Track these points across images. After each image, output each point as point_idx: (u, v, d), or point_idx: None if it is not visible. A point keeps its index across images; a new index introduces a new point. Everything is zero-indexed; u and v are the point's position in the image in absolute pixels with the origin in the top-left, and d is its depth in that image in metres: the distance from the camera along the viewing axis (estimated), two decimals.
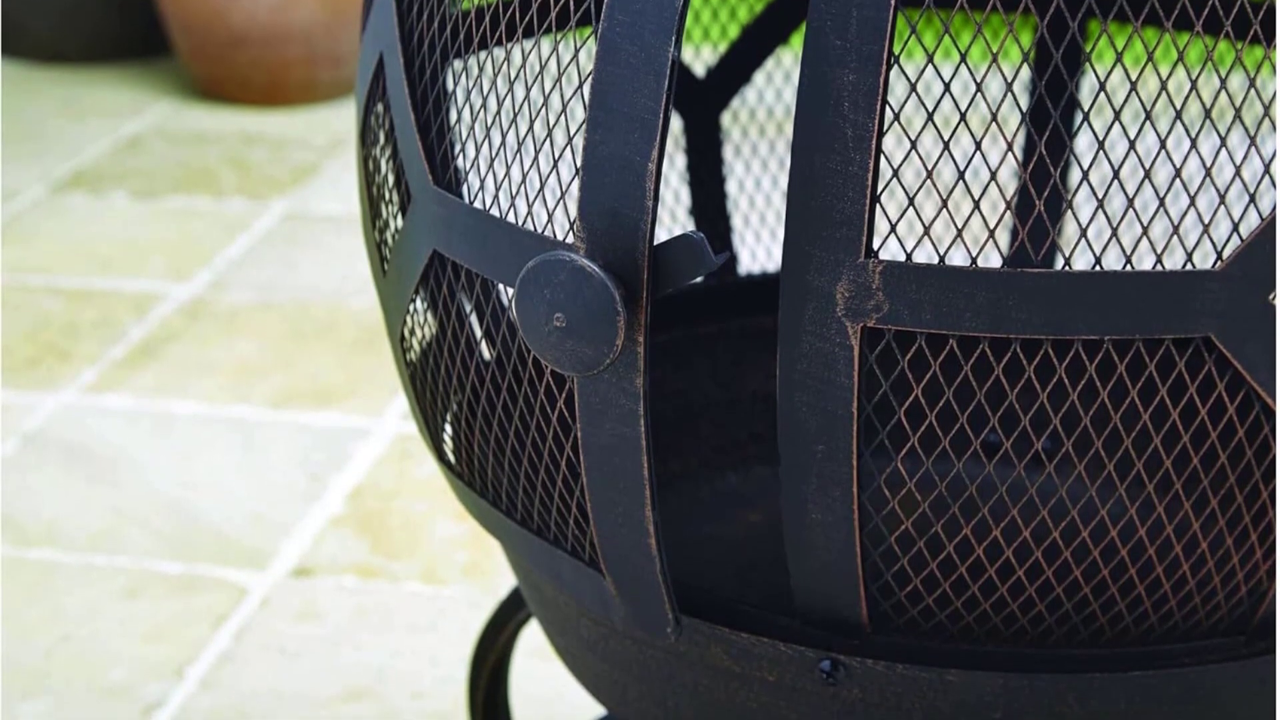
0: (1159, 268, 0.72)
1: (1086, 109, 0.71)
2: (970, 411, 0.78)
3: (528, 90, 0.80)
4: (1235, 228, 0.73)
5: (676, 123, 1.22)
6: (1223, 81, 0.72)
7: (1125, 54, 0.83)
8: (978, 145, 0.73)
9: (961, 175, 0.73)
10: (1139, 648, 0.83)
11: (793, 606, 0.83)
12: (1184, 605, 0.82)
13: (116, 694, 1.56)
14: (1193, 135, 0.73)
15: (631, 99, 0.73)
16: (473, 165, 0.85)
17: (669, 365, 1.22)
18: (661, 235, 1.12)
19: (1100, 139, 0.71)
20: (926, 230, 0.74)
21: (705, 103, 1.23)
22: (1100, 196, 0.73)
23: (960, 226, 0.74)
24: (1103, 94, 0.72)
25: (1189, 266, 0.72)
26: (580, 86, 0.75)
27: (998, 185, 0.74)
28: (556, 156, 0.79)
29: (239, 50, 3.16)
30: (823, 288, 0.73)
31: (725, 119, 1.24)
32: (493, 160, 0.83)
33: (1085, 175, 0.72)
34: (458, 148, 0.87)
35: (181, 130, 3.12)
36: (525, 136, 0.80)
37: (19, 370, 2.19)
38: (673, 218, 1.24)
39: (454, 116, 0.88)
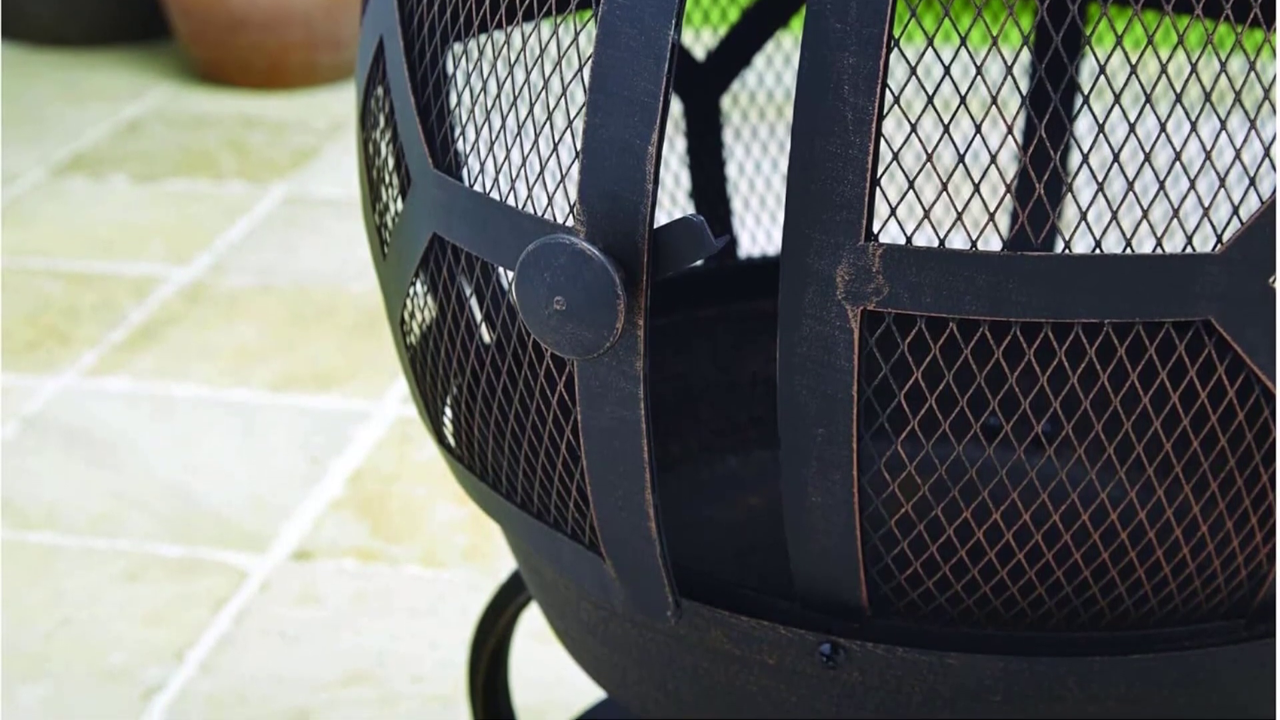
0: (1159, 251, 0.72)
1: (1086, 92, 0.71)
2: (970, 394, 0.78)
3: (528, 73, 0.80)
4: (1235, 211, 0.73)
5: (676, 106, 1.22)
6: (1223, 65, 0.72)
7: (1125, 37, 0.83)
8: (978, 128, 0.73)
9: (961, 158, 0.73)
10: (1139, 631, 0.83)
11: (793, 590, 0.83)
12: (1184, 588, 0.82)
13: (117, 677, 1.57)
14: (1193, 118, 0.73)
15: (631, 82, 0.73)
16: (473, 148, 0.85)
17: (669, 348, 1.22)
18: (661, 218, 1.12)
19: (1100, 122, 0.71)
20: (926, 213, 0.74)
21: (705, 86, 1.23)
22: (1100, 180, 0.73)
23: (960, 209, 0.74)
24: (1103, 77, 0.72)
25: (1189, 250, 0.72)
26: (580, 70, 0.75)
27: (998, 168, 0.74)
28: (556, 140, 0.79)
29: (239, 34, 3.16)
30: (823, 271, 0.73)
31: (725, 102, 1.24)
32: (493, 143, 0.83)
33: (1085, 158, 0.72)
34: (458, 131, 0.87)
35: (181, 114, 3.12)
36: (525, 120, 0.80)
37: (19, 353, 2.19)
38: (673, 201, 1.24)
39: (454, 100, 0.88)
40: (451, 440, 0.96)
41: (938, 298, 0.72)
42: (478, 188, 0.83)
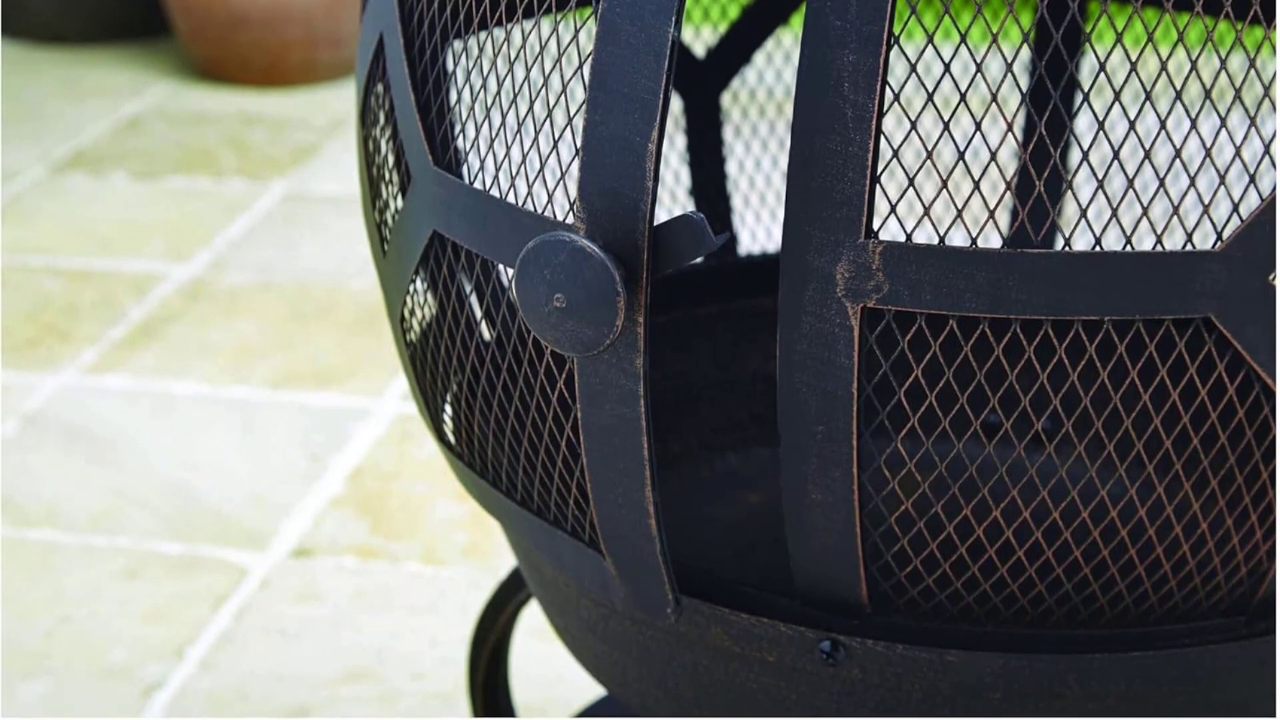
0: (1159, 248, 0.72)
1: (1086, 89, 0.71)
2: (970, 392, 0.78)
3: (528, 71, 0.80)
4: (1235, 208, 0.73)
5: (676, 103, 1.22)
6: (1223, 62, 0.72)
7: (1125, 34, 0.83)
8: (978, 126, 0.73)
9: (961, 156, 0.73)
10: (1139, 628, 0.83)
11: (793, 587, 0.83)
12: (1184, 586, 0.82)
13: (116, 674, 1.57)
14: (1193, 116, 0.73)
15: (631, 79, 0.73)
16: (473, 146, 0.85)
17: (669, 346, 1.22)
18: (661, 216, 1.12)
19: (1100, 119, 0.71)
20: (926, 211, 0.74)
21: (705, 83, 1.23)
22: (1100, 177, 0.73)
23: (960, 207, 0.74)
24: (1103, 74, 0.72)
25: (1189, 247, 0.72)
26: (580, 67, 0.75)
27: (998, 166, 0.74)
28: (556, 137, 0.79)
29: (239, 31, 3.16)
30: (823, 268, 0.73)
31: (725, 99, 1.24)
32: (493, 141, 0.83)
33: (1085, 156, 0.72)
34: (458, 128, 0.87)
35: (181, 111, 3.11)
36: (525, 117, 0.80)
37: (19, 351, 2.19)
38: (673, 198, 1.24)
39: (454, 97, 0.88)
40: (451, 437, 0.96)
41: (937, 295, 0.72)
42: (478, 185, 0.83)
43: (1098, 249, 0.72)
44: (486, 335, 0.94)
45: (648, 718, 0.95)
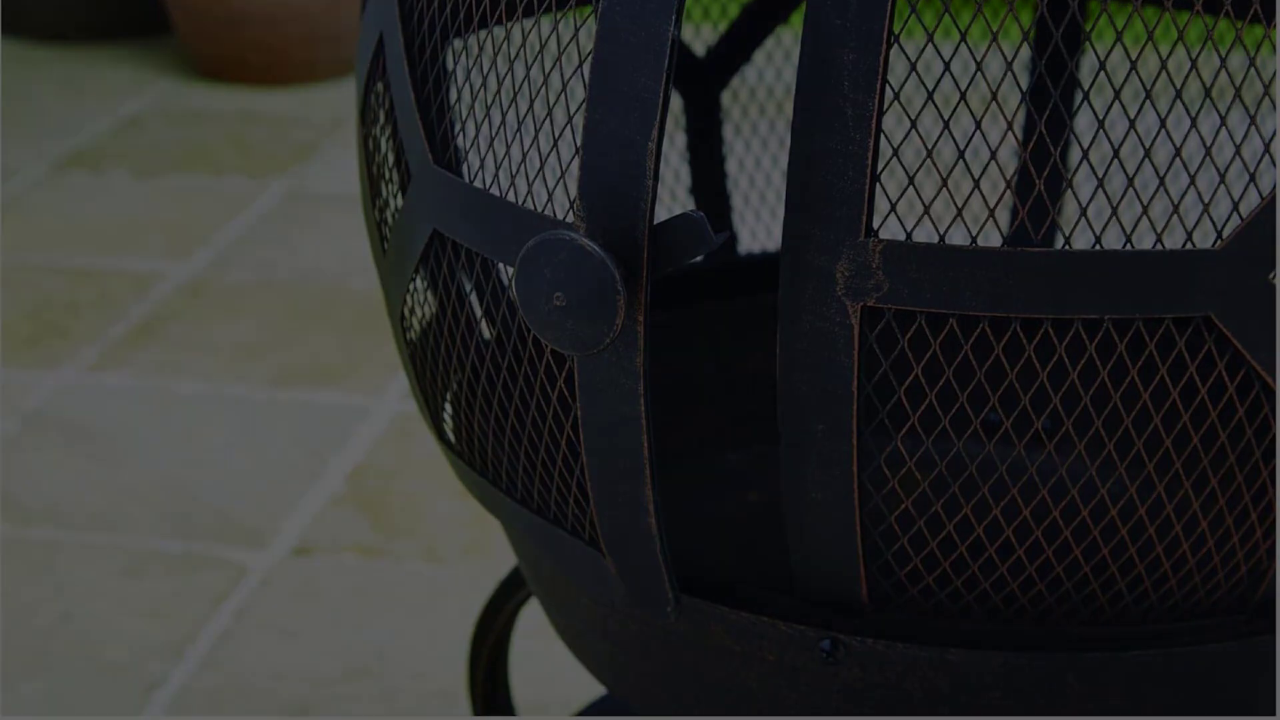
0: (1159, 247, 0.72)
1: (1086, 88, 0.71)
2: (970, 391, 0.78)
3: (528, 69, 0.80)
4: (1235, 207, 0.73)
5: (676, 102, 1.22)
6: (1223, 61, 0.72)
7: (1125, 33, 0.83)
8: (978, 124, 0.73)
9: (961, 154, 0.73)
10: (1139, 627, 0.83)
11: (793, 586, 0.83)
12: (1184, 584, 0.82)
13: (117, 672, 1.57)
14: (1193, 114, 0.73)
15: (632, 78, 0.73)
16: (473, 144, 0.85)
17: (669, 344, 1.22)
18: (661, 214, 1.12)
19: (1100, 118, 0.71)
20: (926, 209, 0.74)
21: (705, 82, 1.22)
22: (1100, 176, 0.73)
23: (960, 206, 0.74)
24: (1103, 73, 0.72)
25: (1189, 246, 0.72)
26: (580, 65, 0.75)
27: (998, 164, 0.74)
28: (557, 135, 0.79)
29: (239, 29, 3.16)
30: (823, 267, 0.73)
31: (725, 98, 1.24)
32: (493, 139, 0.83)
33: (1085, 155, 0.72)
34: (458, 127, 0.87)
35: (181, 109, 3.11)
36: (525, 115, 0.80)
37: (19, 349, 2.19)
38: (672, 197, 1.24)
39: (454, 95, 0.88)
40: (451, 436, 0.96)
41: (937, 294, 0.72)
42: (478, 184, 0.83)
43: (1098, 248, 0.72)
44: (486, 334, 0.94)
45: (647, 717, 0.95)
